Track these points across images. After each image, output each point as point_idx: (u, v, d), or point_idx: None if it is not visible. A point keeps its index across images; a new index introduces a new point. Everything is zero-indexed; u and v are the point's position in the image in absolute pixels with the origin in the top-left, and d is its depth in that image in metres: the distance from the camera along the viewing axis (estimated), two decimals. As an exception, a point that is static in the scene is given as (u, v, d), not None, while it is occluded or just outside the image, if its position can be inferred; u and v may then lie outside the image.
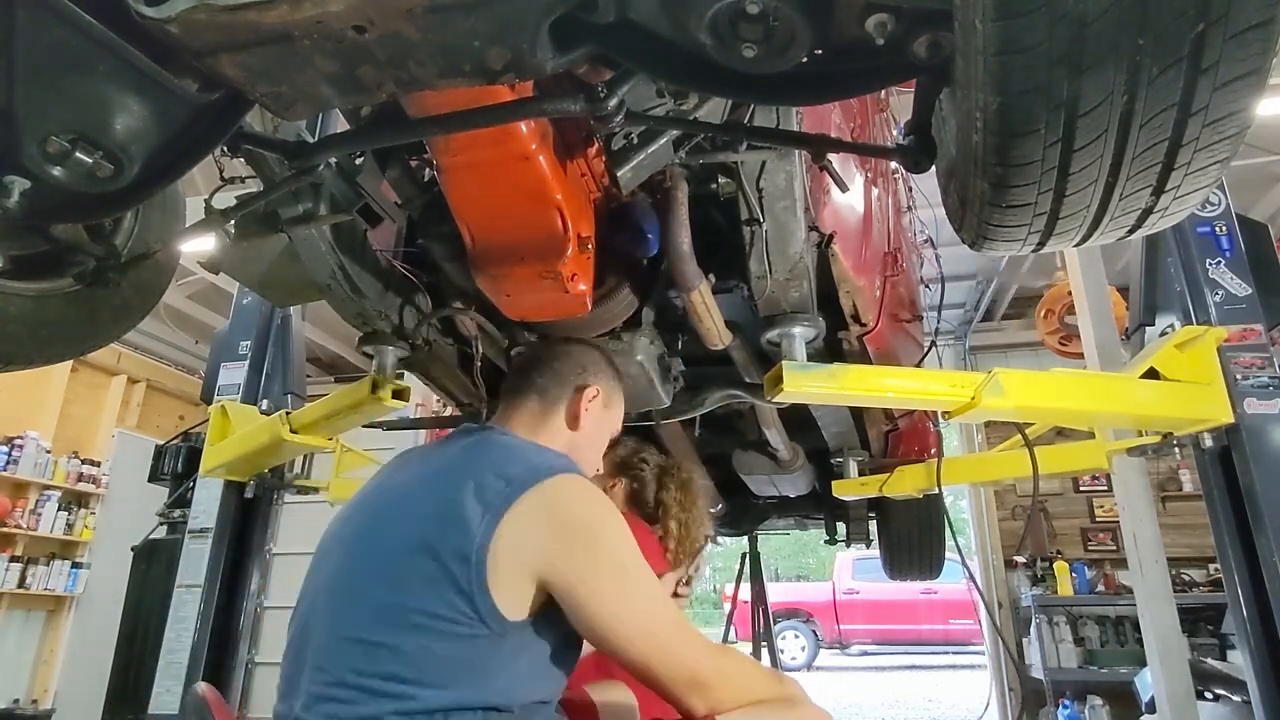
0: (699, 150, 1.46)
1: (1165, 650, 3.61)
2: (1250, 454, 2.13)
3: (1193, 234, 2.38)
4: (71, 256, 1.47)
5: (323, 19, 0.80)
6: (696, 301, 1.66)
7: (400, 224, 1.83)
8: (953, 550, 4.08)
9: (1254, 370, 2.18)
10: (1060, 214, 0.85)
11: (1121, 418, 2.28)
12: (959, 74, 0.77)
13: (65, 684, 6.32)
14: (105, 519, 6.81)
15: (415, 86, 0.94)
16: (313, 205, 1.42)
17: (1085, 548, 6.87)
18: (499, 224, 1.41)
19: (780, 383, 1.70)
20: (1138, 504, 3.77)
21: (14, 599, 6.27)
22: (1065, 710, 5.86)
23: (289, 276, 1.77)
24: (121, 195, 1.04)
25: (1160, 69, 0.67)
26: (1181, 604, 4.15)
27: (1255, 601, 2.13)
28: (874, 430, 3.00)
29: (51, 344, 1.57)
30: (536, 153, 1.27)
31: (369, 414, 2.11)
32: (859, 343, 2.12)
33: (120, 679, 3.18)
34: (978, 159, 0.80)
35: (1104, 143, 0.74)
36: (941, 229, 2.76)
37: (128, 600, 3.34)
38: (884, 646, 12.08)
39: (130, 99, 0.93)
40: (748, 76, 0.90)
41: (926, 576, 4.53)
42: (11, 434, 6.36)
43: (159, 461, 3.59)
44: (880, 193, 2.45)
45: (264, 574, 6.48)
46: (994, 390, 1.79)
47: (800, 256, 1.58)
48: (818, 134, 1.25)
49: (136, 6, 0.79)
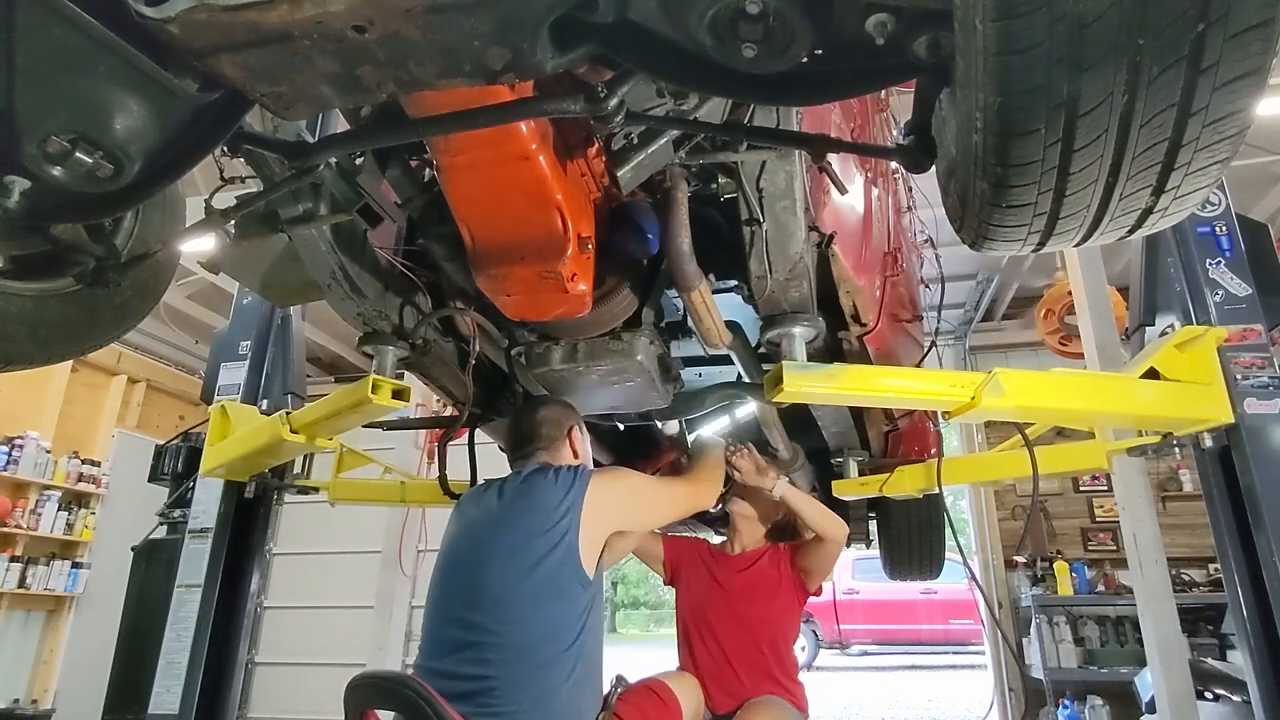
0: (699, 150, 1.46)
1: (1165, 650, 3.61)
2: (1250, 454, 2.13)
3: (1193, 234, 2.38)
4: (71, 256, 1.47)
5: (323, 19, 0.80)
6: (696, 301, 1.66)
7: (400, 224, 1.82)
8: (953, 550, 4.08)
9: (1254, 370, 2.18)
10: (1060, 214, 0.85)
11: (1121, 418, 2.28)
12: (959, 74, 0.77)
13: (65, 684, 6.32)
14: (105, 519, 6.82)
15: (415, 86, 0.94)
16: (313, 205, 1.42)
17: (1085, 548, 6.87)
18: (499, 224, 1.41)
19: (780, 383, 1.70)
20: (1138, 504, 3.77)
21: (14, 599, 6.28)
22: (1065, 710, 5.86)
23: (289, 276, 1.77)
24: (121, 195, 1.04)
25: (1160, 69, 0.67)
26: (1181, 604, 4.15)
27: (1255, 601, 2.12)
28: (874, 430, 3.00)
29: (51, 344, 1.57)
30: (536, 153, 1.27)
31: (369, 414, 2.10)
32: (859, 343, 2.12)
33: (120, 679, 3.18)
34: (978, 159, 0.80)
35: (1104, 143, 0.74)
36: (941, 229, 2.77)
37: (128, 600, 3.34)
38: (884, 646, 12.07)
39: (130, 99, 0.93)
40: (748, 76, 0.90)
41: (926, 576, 4.52)
42: (11, 434, 6.36)
43: (159, 461, 3.59)
44: (880, 193, 2.45)
45: (264, 574, 6.53)
46: (994, 390, 1.79)
47: (800, 256, 1.58)
48: (818, 134, 1.25)
49: (136, 6, 0.79)
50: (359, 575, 6.25)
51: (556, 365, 1.83)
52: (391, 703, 1.50)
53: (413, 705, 1.43)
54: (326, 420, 2.24)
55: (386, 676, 1.64)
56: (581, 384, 1.91)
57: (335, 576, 6.53)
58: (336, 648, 6.17)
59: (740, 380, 2.17)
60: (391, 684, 1.55)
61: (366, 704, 1.58)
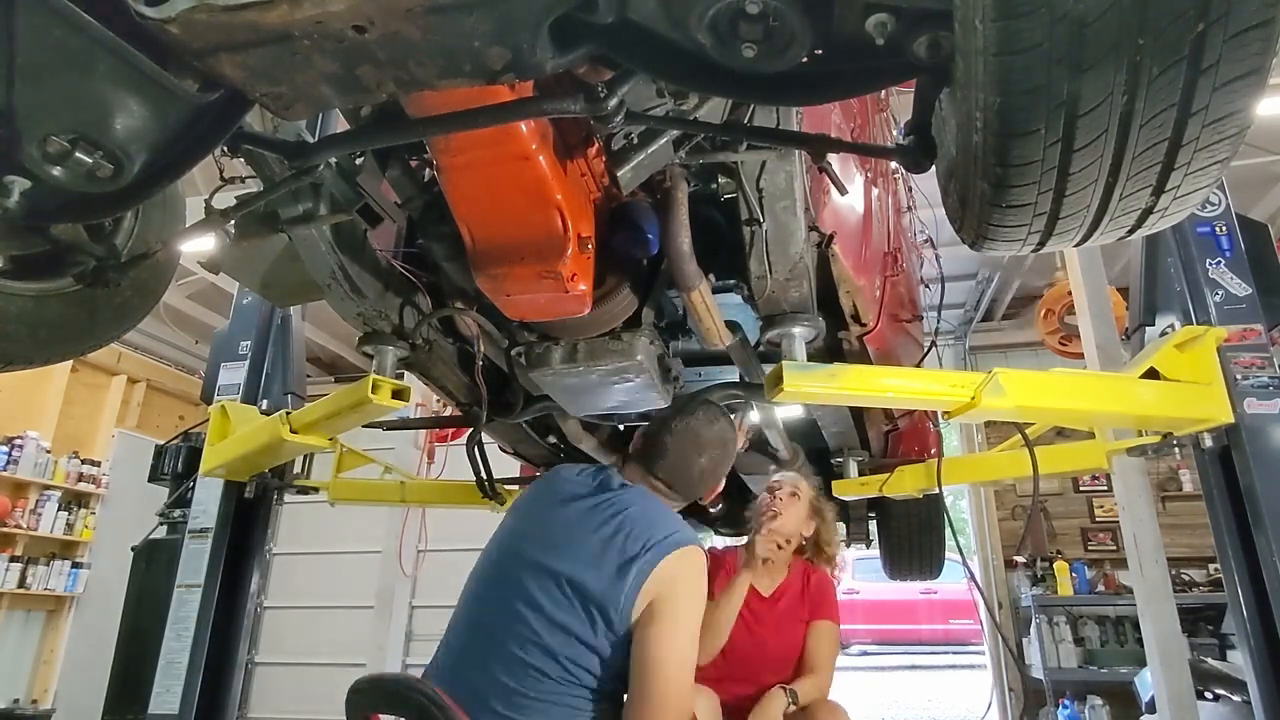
0: (699, 150, 1.46)
1: (1165, 650, 3.61)
2: (1250, 454, 2.12)
3: (1193, 234, 2.37)
4: (71, 256, 1.47)
5: (323, 19, 0.80)
6: (696, 301, 1.66)
7: (400, 224, 1.82)
8: (953, 550, 4.08)
9: (1254, 370, 2.18)
10: (1060, 214, 0.85)
11: (1121, 418, 2.28)
12: (959, 74, 0.77)
13: (65, 684, 6.32)
14: (105, 519, 6.82)
15: (415, 86, 0.94)
16: (313, 205, 1.42)
17: (1085, 548, 6.86)
18: (499, 224, 1.41)
19: (780, 383, 1.70)
20: (1138, 504, 3.77)
21: (14, 599, 6.27)
22: (1065, 710, 5.86)
23: (289, 276, 1.77)
24: (121, 195, 1.04)
25: (1160, 69, 0.67)
26: (1181, 604, 4.15)
27: (1255, 601, 2.12)
28: (874, 430, 3.01)
29: (51, 344, 1.57)
30: (536, 153, 1.27)
31: (369, 414, 2.10)
32: (859, 343, 2.12)
33: (120, 679, 3.18)
34: (978, 159, 0.80)
35: (1104, 143, 0.74)
36: (941, 229, 2.77)
37: (128, 600, 3.34)
38: (884, 646, 12.06)
39: (130, 99, 0.93)
40: (748, 76, 0.90)
41: (926, 576, 4.53)
42: (11, 434, 6.36)
43: (159, 461, 3.59)
44: (880, 193, 2.45)
45: (264, 574, 6.53)
46: (994, 390, 1.79)
47: (800, 256, 1.58)
48: (818, 134, 1.25)
49: (136, 6, 0.79)
50: (359, 575, 6.25)
51: (556, 365, 1.83)
52: (401, 708, 1.45)
53: (423, 711, 1.38)
54: (326, 420, 2.25)
55: (396, 680, 1.58)
56: (581, 384, 1.91)
57: (335, 576, 6.53)
58: (336, 648, 6.17)
59: (740, 380, 2.17)
60: (401, 687, 1.49)
61: (373, 708, 1.52)
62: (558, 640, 1.52)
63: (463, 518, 4.28)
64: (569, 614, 1.54)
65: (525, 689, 1.49)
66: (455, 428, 3.04)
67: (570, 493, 1.74)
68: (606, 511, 1.66)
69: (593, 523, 1.64)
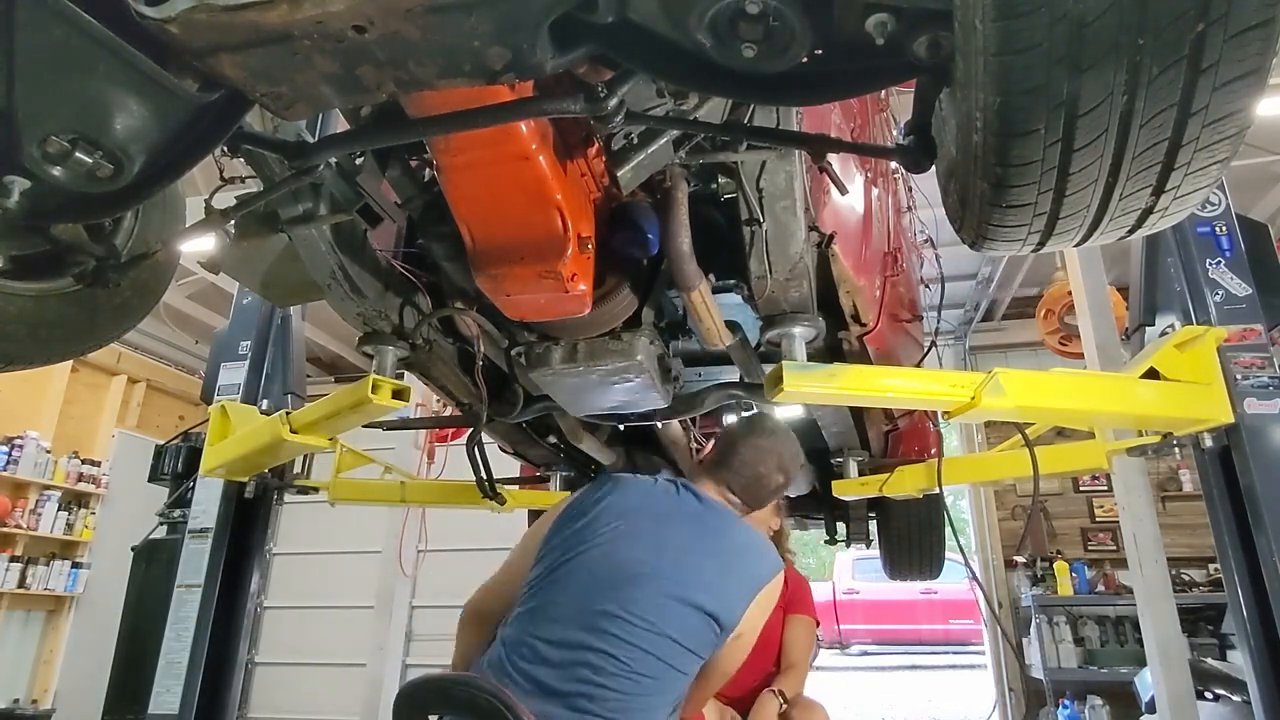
0: (699, 150, 1.46)
1: (1165, 650, 3.61)
2: (1250, 454, 2.13)
3: (1193, 234, 2.38)
4: (71, 256, 1.46)
5: (323, 19, 0.80)
6: (696, 301, 1.65)
7: (400, 224, 1.82)
8: (953, 550, 4.08)
9: (1254, 370, 2.18)
10: (1060, 214, 0.85)
11: (1121, 418, 2.28)
12: (959, 74, 0.77)
13: (65, 684, 6.33)
14: (105, 519, 6.82)
15: (415, 86, 0.94)
16: (313, 205, 1.42)
17: (1085, 548, 6.87)
18: (499, 224, 1.41)
19: (780, 383, 1.70)
20: (1138, 504, 3.77)
21: (14, 599, 6.28)
22: (1065, 710, 5.86)
23: (289, 276, 1.77)
24: (121, 195, 1.04)
25: (1160, 69, 0.67)
26: (1181, 604, 4.15)
27: (1255, 601, 2.13)
28: (874, 430, 3.00)
29: (51, 344, 1.57)
30: (536, 153, 1.27)
31: (369, 414, 2.10)
32: (859, 343, 2.12)
33: (120, 679, 3.19)
34: (978, 159, 0.80)
35: (1104, 143, 0.74)
36: (941, 229, 2.76)
37: (128, 600, 3.34)
38: (884, 646, 12.07)
39: (130, 99, 0.93)
40: (748, 76, 0.90)
41: (926, 576, 4.52)
42: (11, 434, 6.36)
43: (159, 461, 3.59)
44: (880, 193, 2.45)
45: (264, 574, 6.53)
46: (994, 390, 1.79)
47: (800, 256, 1.58)
48: (818, 134, 1.25)
49: (136, 6, 0.79)
50: (359, 575, 6.25)
51: (556, 365, 1.83)
52: (467, 711, 1.39)
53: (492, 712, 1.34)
54: (326, 420, 2.24)
55: (456, 679, 1.52)
56: (581, 384, 1.91)
57: (335, 576, 6.53)
58: (336, 648, 6.17)
59: (740, 380, 2.17)
60: (461, 687, 1.43)
61: (429, 709, 1.47)
62: (677, 657, 1.63)
63: (463, 518, 4.28)
64: (698, 638, 1.65)
65: (624, 691, 1.56)
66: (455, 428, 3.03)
67: (662, 509, 1.82)
68: (712, 534, 1.79)
69: (703, 546, 1.75)
